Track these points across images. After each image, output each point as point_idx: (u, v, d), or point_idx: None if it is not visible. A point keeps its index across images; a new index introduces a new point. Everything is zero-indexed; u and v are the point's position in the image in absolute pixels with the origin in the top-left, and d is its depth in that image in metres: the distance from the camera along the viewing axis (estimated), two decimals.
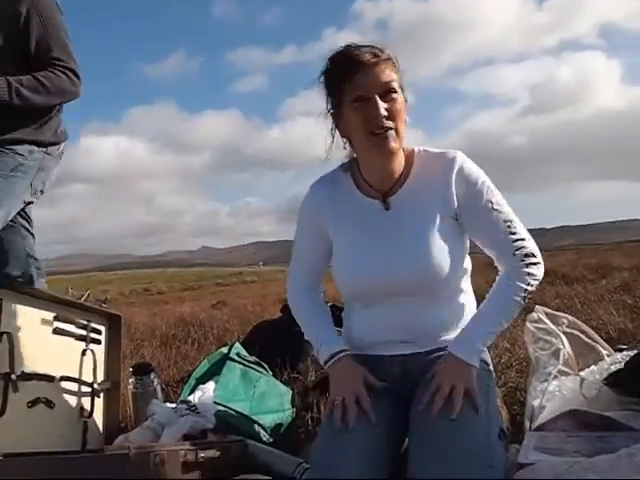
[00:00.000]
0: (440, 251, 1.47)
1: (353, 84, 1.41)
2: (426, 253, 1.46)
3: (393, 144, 1.43)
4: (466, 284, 1.60)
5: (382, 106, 1.40)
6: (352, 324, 1.63)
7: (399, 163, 1.53)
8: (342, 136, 1.54)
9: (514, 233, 1.49)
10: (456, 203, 1.49)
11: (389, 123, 1.41)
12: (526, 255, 1.48)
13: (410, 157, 1.55)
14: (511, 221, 1.49)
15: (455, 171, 1.48)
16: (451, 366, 1.42)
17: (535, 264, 1.49)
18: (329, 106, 1.51)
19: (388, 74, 1.42)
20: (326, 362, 1.55)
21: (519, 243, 1.48)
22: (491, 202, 1.48)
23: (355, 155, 1.57)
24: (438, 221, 1.48)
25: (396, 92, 1.42)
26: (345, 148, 1.55)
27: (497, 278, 1.53)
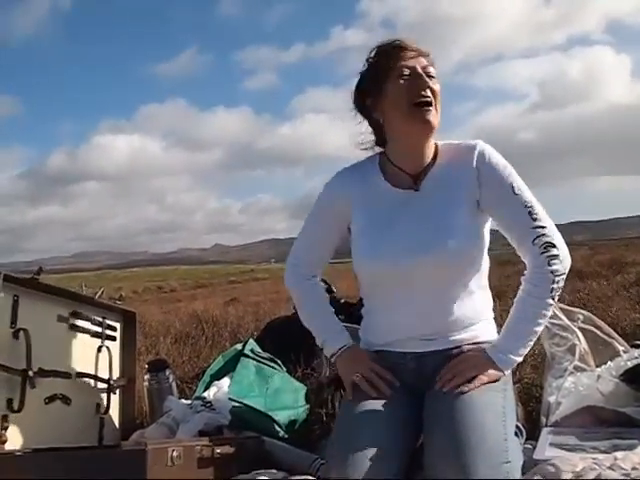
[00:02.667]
0: (465, 233, 1.48)
1: (403, 62, 1.49)
2: (451, 234, 1.47)
3: (431, 118, 1.48)
4: (484, 281, 1.59)
5: (427, 79, 1.48)
6: (371, 321, 1.63)
7: (430, 147, 1.56)
8: (373, 126, 1.61)
9: (535, 219, 1.47)
10: (478, 187, 1.50)
11: (431, 97, 1.48)
12: (546, 246, 1.46)
13: (435, 150, 1.58)
14: (532, 207, 1.48)
15: (476, 155, 1.51)
16: (480, 361, 1.45)
17: (556, 256, 1.46)
18: (368, 94, 1.57)
19: (430, 60, 1.51)
20: (333, 355, 1.62)
21: (539, 230, 1.46)
22: (512, 186, 1.48)
23: (383, 150, 1.62)
24: (463, 206, 1.50)
25: (436, 78, 1.50)
26: (373, 135, 1.63)
27: (522, 282, 1.51)
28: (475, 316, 1.55)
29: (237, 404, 2.11)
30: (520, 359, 1.47)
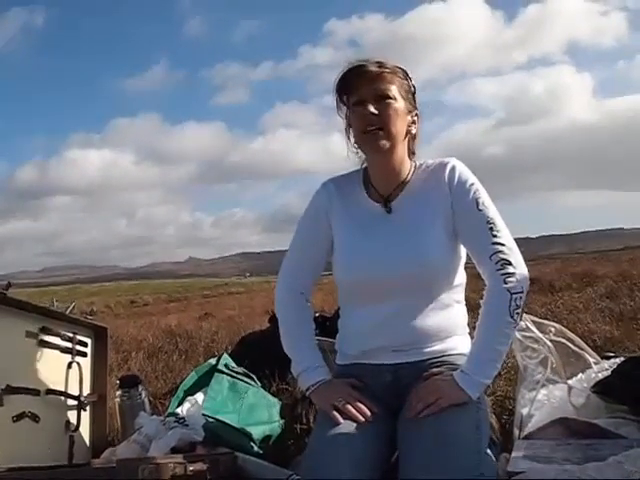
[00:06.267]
0: (438, 248, 1.49)
1: (355, 92, 1.51)
2: (424, 248, 1.49)
3: (381, 142, 1.49)
4: (460, 295, 1.60)
5: (371, 107, 1.48)
6: (347, 332, 1.64)
7: (399, 166, 1.57)
8: (354, 144, 1.61)
9: (495, 236, 1.47)
10: (451, 203, 1.52)
11: (378, 123, 1.48)
12: (502, 263, 1.45)
13: (413, 169, 1.60)
14: (494, 224, 1.48)
15: (447, 172, 1.53)
16: (447, 384, 1.42)
17: (512, 274, 1.45)
18: (343, 116, 1.61)
19: (385, 83, 1.49)
20: (308, 388, 1.58)
21: (497, 247, 1.46)
22: (477, 202, 1.50)
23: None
24: (437, 222, 1.51)
25: (391, 99, 1.49)
26: (357, 153, 1.63)
27: (481, 303, 1.50)
28: (450, 329, 1.56)
29: (210, 420, 2.09)
30: (488, 381, 1.44)
